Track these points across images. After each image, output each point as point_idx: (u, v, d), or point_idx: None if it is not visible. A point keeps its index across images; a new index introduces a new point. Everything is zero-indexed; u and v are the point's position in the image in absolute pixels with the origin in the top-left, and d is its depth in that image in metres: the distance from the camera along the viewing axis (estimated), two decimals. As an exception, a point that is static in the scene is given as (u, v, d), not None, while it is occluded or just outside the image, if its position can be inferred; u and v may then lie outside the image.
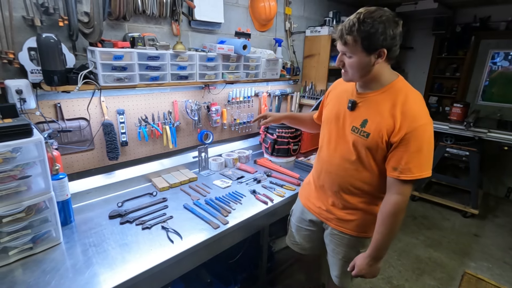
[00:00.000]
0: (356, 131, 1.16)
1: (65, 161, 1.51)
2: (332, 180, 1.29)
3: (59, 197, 1.27)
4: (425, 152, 1.05)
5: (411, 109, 1.04)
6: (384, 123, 1.08)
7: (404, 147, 1.04)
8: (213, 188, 1.75)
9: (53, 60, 1.22)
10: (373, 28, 0.98)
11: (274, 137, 2.14)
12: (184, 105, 1.91)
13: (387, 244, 1.15)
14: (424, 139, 1.04)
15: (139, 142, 1.76)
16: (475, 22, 3.65)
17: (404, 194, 1.09)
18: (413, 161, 1.04)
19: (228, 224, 1.38)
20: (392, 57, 1.07)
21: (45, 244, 1.17)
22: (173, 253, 1.17)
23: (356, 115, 1.17)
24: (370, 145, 1.13)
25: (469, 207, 3.21)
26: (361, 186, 1.22)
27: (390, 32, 0.99)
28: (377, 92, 1.12)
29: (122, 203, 1.53)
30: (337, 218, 1.32)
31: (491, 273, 2.37)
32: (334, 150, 1.26)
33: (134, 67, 1.45)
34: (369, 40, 1.00)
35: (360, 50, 1.03)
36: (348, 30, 1.02)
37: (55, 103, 1.41)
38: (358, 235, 1.28)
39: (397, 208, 1.09)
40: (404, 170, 1.05)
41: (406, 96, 1.07)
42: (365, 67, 1.06)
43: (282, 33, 2.51)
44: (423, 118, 1.04)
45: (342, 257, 1.36)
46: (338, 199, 1.29)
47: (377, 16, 0.99)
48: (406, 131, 1.03)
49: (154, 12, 1.60)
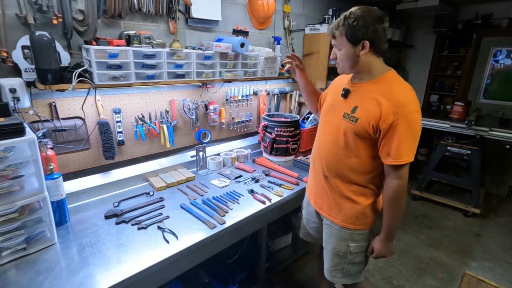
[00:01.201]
0: (347, 117, 1.24)
1: (61, 161, 1.49)
2: (323, 165, 1.36)
3: (53, 197, 1.25)
4: (414, 137, 1.13)
5: (398, 97, 1.12)
6: (372, 110, 1.15)
7: (393, 132, 1.11)
8: (211, 187, 1.74)
9: (46, 59, 1.20)
10: (355, 22, 1.12)
11: (272, 136, 2.12)
12: (181, 104, 1.89)
13: (396, 224, 1.25)
14: (413, 125, 1.11)
15: (136, 141, 1.75)
16: (476, 19, 3.62)
17: (401, 178, 1.16)
18: (402, 146, 1.11)
19: (225, 224, 1.37)
20: (379, 50, 1.17)
21: (39, 245, 1.16)
22: (169, 254, 1.16)
23: (349, 102, 1.26)
24: (357, 130, 1.20)
25: (470, 206, 3.18)
26: (349, 173, 1.28)
27: (371, 26, 1.11)
28: (369, 83, 1.21)
29: (119, 203, 1.51)
30: (328, 206, 1.38)
31: (492, 273, 2.35)
32: (327, 135, 1.35)
33: (129, 65, 1.43)
34: (352, 33, 1.14)
35: (346, 42, 1.16)
36: (336, 26, 1.18)
37: (50, 102, 1.40)
38: (346, 226, 1.33)
39: (397, 192, 1.18)
40: (395, 155, 1.13)
41: (394, 86, 1.16)
42: (352, 57, 1.18)
43: (281, 31, 2.49)
44: (410, 106, 1.10)
45: (332, 248, 1.40)
46: (327, 184, 1.36)
47: (360, 13, 1.12)
48: (394, 117, 1.10)
49: (150, 10, 1.58)
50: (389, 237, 1.28)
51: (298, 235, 2.31)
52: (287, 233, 2.21)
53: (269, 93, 2.47)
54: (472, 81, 3.88)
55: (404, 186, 1.18)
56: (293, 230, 2.29)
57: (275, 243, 2.14)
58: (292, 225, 2.34)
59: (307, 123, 2.47)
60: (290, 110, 2.73)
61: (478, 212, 3.13)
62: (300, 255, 2.28)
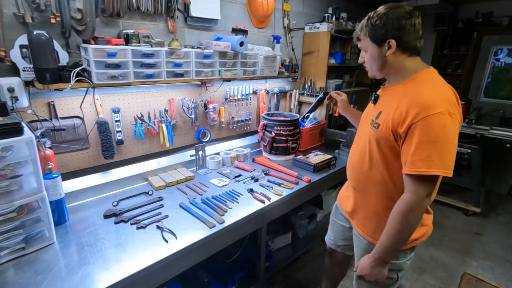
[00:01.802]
0: (372, 123, 1.16)
1: (60, 160, 1.49)
2: (352, 175, 1.32)
3: (52, 197, 1.25)
4: (438, 145, 0.93)
5: (422, 96, 0.98)
6: (392, 114, 1.05)
7: (410, 138, 0.98)
8: (210, 187, 1.74)
9: (44, 58, 1.20)
10: (378, 20, 1.05)
11: (272, 135, 2.11)
12: (180, 103, 1.89)
13: (393, 245, 1.05)
14: (435, 129, 0.93)
15: (135, 140, 1.74)
16: (477, 17, 3.60)
17: (415, 193, 0.99)
18: (418, 153, 0.95)
19: (224, 223, 1.36)
20: (409, 48, 1.06)
21: (38, 244, 1.16)
22: (168, 253, 1.15)
23: (376, 108, 1.19)
24: (378, 137, 1.11)
25: (470, 205, 3.18)
26: (376, 186, 1.19)
27: (395, 22, 1.02)
28: (398, 85, 1.11)
29: (118, 202, 1.51)
30: (356, 217, 1.33)
31: (492, 272, 2.34)
32: (357, 144, 1.30)
33: (128, 64, 1.43)
34: (375, 32, 1.07)
35: (370, 43, 1.10)
36: (360, 27, 1.13)
37: (48, 101, 1.40)
38: (374, 242, 1.22)
39: (406, 207, 1.00)
40: (410, 164, 0.98)
41: (423, 86, 1.02)
42: (379, 59, 1.10)
43: (280, 30, 2.48)
44: (436, 106, 0.94)
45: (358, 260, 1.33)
46: (356, 195, 1.31)
47: (383, 10, 1.06)
48: (412, 120, 0.96)
49: (148, 9, 1.58)
50: (380, 259, 1.09)
51: (298, 234, 2.32)
52: (287, 232, 2.21)
53: (268, 92, 2.46)
54: (473, 80, 3.86)
55: (416, 203, 0.99)
56: (293, 229, 2.29)
57: (275, 242, 2.14)
58: (292, 224, 2.34)
59: (306, 122, 2.47)
60: (290, 109, 2.72)
61: (478, 211, 3.13)
62: (300, 255, 2.28)
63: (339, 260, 1.67)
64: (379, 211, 1.21)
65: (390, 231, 1.05)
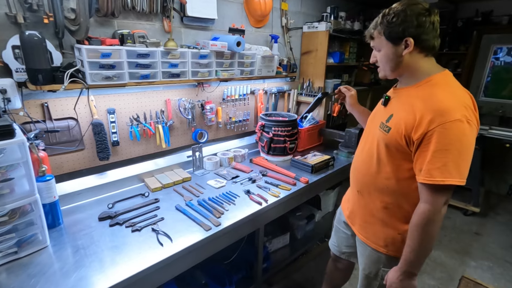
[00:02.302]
0: (381, 126, 1.12)
1: (54, 162, 1.47)
2: (356, 178, 1.28)
3: (46, 199, 1.24)
4: (454, 153, 0.90)
5: (439, 102, 0.93)
6: (405, 118, 1.01)
7: (426, 145, 0.94)
8: (207, 188, 1.72)
9: (37, 59, 1.18)
10: (395, 17, 0.99)
11: (270, 135, 2.10)
12: (177, 103, 1.87)
13: (417, 258, 1.02)
14: (452, 137, 0.90)
15: (131, 141, 1.73)
16: (477, 16, 3.58)
17: (432, 203, 0.96)
18: (434, 162, 0.92)
19: (220, 225, 1.35)
20: (427, 47, 1.01)
21: (31, 248, 1.14)
22: (163, 257, 1.14)
23: (387, 111, 1.14)
24: (388, 141, 1.07)
25: (470, 205, 3.17)
26: (382, 191, 1.15)
27: (414, 20, 0.97)
28: (412, 87, 1.06)
29: (113, 204, 1.50)
30: (359, 223, 1.30)
31: (491, 272, 2.34)
32: (363, 148, 1.26)
33: (123, 65, 1.41)
34: (391, 30, 1.01)
35: (385, 42, 1.04)
36: (374, 25, 1.07)
37: (42, 103, 1.38)
38: (378, 249, 1.20)
39: (423, 219, 0.97)
40: (426, 172, 0.94)
41: (438, 90, 0.97)
42: (394, 59, 1.05)
43: (278, 29, 2.46)
44: (453, 113, 0.90)
45: (363, 268, 1.33)
46: (360, 200, 1.27)
47: (400, 7, 1.00)
48: (428, 127, 0.92)
49: (144, 9, 1.56)
50: (407, 273, 1.05)
51: (296, 235, 2.31)
52: (285, 233, 2.19)
53: (266, 92, 2.45)
54: (472, 79, 3.85)
55: (433, 214, 0.96)
56: (291, 229, 2.28)
57: (273, 243, 2.12)
58: (290, 225, 2.33)
59: (305, 122, 2.45)
60: (288, 109, 2.71)
61: (477, 211, 3.12)
62: (298, 255, 2.27)
63: (343, 266, 1.65)
64: (384, 218, 1.18)
65: (412, 244, 1.02)
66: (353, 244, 1.44)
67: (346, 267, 1.66)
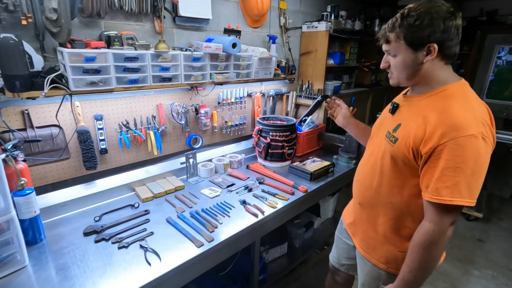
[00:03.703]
0: (388, 136, 1.04)
1: (37, 172, 1.39)
2: (359, 191, 1.22)
3: (25, 215, 1.15)
4: (467, 172, 0.82)
5: (453, 116, 0.85)
6: (414, 129, 0.93)
7: (435, 161, 0.86)
8: (201, 197, 1.64)
9: (13, 63, 1.09)
10: (418, 20, 0.88)
11: (267, 141, 2.01)
12: (169, 108, 1.78)
13: (415, 280, 0.95)
14: (466, 154, 0.82)
15: (121, 149, 1.64)
16: (481, 15, 3.49)
17: (438, 224, 0.88)
18: (444, 180, 0.84)
19: (213, 241, 1.27)
20: (448, 55, 0.92)
21: (8, 269, 1.06)
22: (150, 278, 1.05)
23: (394, 120, 1.06)
24: (394, 153, 0.99)
25: (472, 210, 3.09)
26: (385, 206, 1.09)
27: (440, 24, 0.86)
28: (424, 96, 0.97)
29: (100, 217, 1.41)
30: (360, 237, 1.23)
31: (496, 282, 2.26)
32: (368, 157, 1.18)
33: (109, 69, 1.32)
34: (413, 34, 0.90)
35: (404, 47, 0.93)
36: (391, 27, 0.95)
37: (22, 110, 1.29)
38: (378, 265, 1.14)
39: (426, 239, 0.90)
40: (433, 190, 0.87)
41: (454, 102, 0.89)
42: (412, 66, 0.94)
43: (276, 29, 2.36)
44: (467, 128, 0.82)
45: (362, 283, 1.28)
46: (362, 213, 1.21)
47: (423, 8, 0.89)
48: (439, 141, 0.85)
49: (133, 8, 1.46)
50: None
51: (294, 244, 2.23)
52: (283, 242, 2.11)
53: (264, 95, 2.36)
54: (476, 80, 3.76)
55: (438, 235, 0.88)
56: (289, 238, 2.20)
57: (270, 253, 2.04)
58: (288, 233, 2.25)
59: (304, 125, 2.36)
60: (286, 112, 2.62)
61: (480, 216, 3.05)
62: (296, 265, 2.19)
63: (342, 280, 1.58)
64: (387, 234, 1.11)
65: (411, 264, 0.95)
66: (353, 256, 1.37)
67: (345, 281, 1.59)
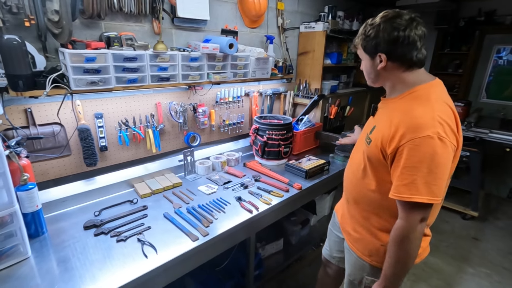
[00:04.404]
0: (366, 138, 1.12)
1: (39, 168, 1.44)
2: (346, 187, 1.30)
3: (28, 209, 1.20)
4: (423, 170, 0.88)
5: (414, 117, 0.91)
6: (383, 131, 0.99)
7: (398, 161, 0.93)
8: (198, 194, 1.68)
9: (17, 64, 1.14)
10: (369, 31, 0.99)
11: (264, 139, 2.05)
12: (168, 107, 1.82)
13: (394, 274, 1.01)
14: (422, 154, 0.87)
15: (120, 146, 1.69)
16: (479, 16, 3.50)
17: (406, 220, 0.94)
18: (403, 178, 0.91)
19: (208, 235, 1.31)
20: (404, 62, 0.98)
21: (11, 260, 1.11)
22: (146, 270, 1.10)
23: (373, 122, 1.14)
24: (369, 154, 1.07)
25: (469, 209, 3.12)
26: (368, 202, 1.16)
27: (385, 36, 0.95)
28: (396, 98, 1.04)
29: (100, 212, 1.46)
30: (348, 231, 1.30)
31: (490, 280, 2.30)
32: (353, 157, 1.26)
33: (109, 69, 1.37)
34: (367, 44, 1.02)
35: (364, 54, 1.06)
36: (357, 36, 1.07)
37: (25, 108, 1.34)
38: (362, 258, 1.21)
39: (398, 235, 0.96)
40: (394, 188, 0.95)
41: (418, 104, 0.94)
42: (372, 71, 1.06)
43: (274, 30, 2.40)
44: (425, 129, 0.87)
45: (348, 274, 1.33)
46: (349, 209, 1.28)
47: (378, 20, 0.98)
48: (399, 142, 0.91)
49: (132, 10, 1.51)
50: (387, 287, 1.04)
51: (290, 240, 2.27)
52: (279, 239, 2.16)
53: (261, 94, 2.39)
54: (474, 80, 3.78)
55: (408, 231, 0.94)
56: (285, 235, 2.24)
57: (266, 249, 2.09)
58: (285, 230, 2.29)
59: (301, 124, 2.40)
60: (284, 111, 2.65)
61: (476, 215, 3.07)
62: (292, 261, 2.23)
63: (333, 272, 1.63)
64: (369, 228, 1.18)
65: (389, 259, 1.02)
66: (344, 249, 1.42)
67: (336, 274, 1.63)
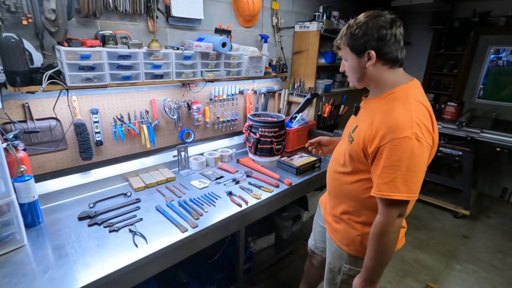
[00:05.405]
0: (348, 136, 1.17)
1: (37, 162, 1.49)
2: (328, 181, 1.35)
3: (24, 199, 1.26)
4: (402, 169, 0.93)
5: (393, 118, 0.96)
6: (365, 130, 1.04)
7: (378, 160, 0.98)
8: (190, 188, 1.74)
9: (14, 60, 1.19)
10: (356, 30, 1.02)
11: (257, 136, 2.10)
12: (162, 104, 1.87)
13: (374, 266, 1.06)
14: (401, 154, 0.92)
15: (115, 141, 1.74)
16: (474, 17, 3.54)
17: (385, 215, 1.00)
18: (383, 176, 0.96)
19: (197, 227, 1.37)
20: (389, 60, 1.03)
21: (8, 247, 1.16)
22: (136, 258, 1.16)
23: (355, 121, 1.18)
24: (351, 152, 1.12)
25: (460, 207, 3.17)
26: (344, 195, 1.22)
27: (374, 33, 0.99)
28: (377, 99, 1.08)
29: (94, 204, 1.52)
30: (329, 220, 1.36)
31: (476, 276, 2.35)
32: (335, 154, 1.31)
33: (103, 66, 1.42)
34: (354, 42, 1.03)
35: (350, 53, 1.07)
36: (340, 36, 1.09)
37: (23, 103, 1.39)
38: (341, 247, 1.27)
39: (378, 230, 1.02)
40: (375, 186, 1.01)
41: (397, 104, 0.99)
42: (358, 70, 1.08)
43: (269, 29, 2.45)
44: (404, 130, 0.92)
45: (329, 262, 1.38)
46: (330, 200, 1.34)
47: (363, 19, 1.01)
48: (380, 142, 0.96)
49: (127, 9, 1.56)
50: (368, 280, 1.09)
51: (282, 235, 2.33)
52: (270, 233, 2.21)
53: (256, 92, 2.44)
54: (468, 80, 3.81)
55: (386, 225, 1.00)
56: (276, 230, 2.30)
57: (257, 243, 2.14)
58: (276, 225, 2.34)
59: (294, 122, 2.45)
60: (278, 109, 2.70)
61: (467, 214, 3.12)
62: (283, 255, 2.29)
63: (318, 263, 1.69)
64: (347, 220, 1.24)
65: (369, 253, 1.07)
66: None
67: (321, 264, 1.68)
